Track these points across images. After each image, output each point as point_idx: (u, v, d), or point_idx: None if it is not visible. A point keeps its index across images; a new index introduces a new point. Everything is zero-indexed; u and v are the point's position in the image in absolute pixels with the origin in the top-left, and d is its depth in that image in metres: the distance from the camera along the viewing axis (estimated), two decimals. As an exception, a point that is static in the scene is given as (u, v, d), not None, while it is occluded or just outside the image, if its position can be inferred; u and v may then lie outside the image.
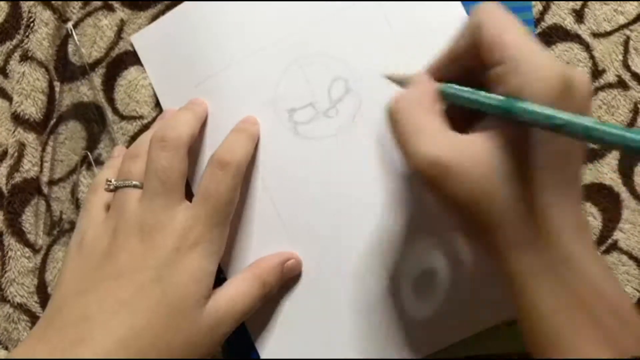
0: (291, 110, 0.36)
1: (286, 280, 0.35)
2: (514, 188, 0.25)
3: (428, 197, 0.33)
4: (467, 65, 0.28)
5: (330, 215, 0.35)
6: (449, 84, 0.29)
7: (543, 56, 0.25)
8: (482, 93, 0.27)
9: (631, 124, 0.36)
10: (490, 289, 0.33)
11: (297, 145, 0.36)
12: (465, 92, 0.27)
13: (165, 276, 0.30)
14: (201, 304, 0.31)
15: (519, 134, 0.25)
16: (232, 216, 0.33)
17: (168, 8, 0.38)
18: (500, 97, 0.26)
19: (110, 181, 0.33)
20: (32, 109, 0.38)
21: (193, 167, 0.36)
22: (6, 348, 0.38)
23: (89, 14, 0.39)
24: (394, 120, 0.28)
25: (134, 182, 0.32)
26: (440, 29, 0.35)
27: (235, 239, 0.36)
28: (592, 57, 0.36)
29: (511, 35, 0.26)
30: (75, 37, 0.39)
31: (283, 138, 0.36)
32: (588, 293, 0.25)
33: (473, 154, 0.26)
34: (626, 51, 0.36)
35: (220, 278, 0.35)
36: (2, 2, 0.40)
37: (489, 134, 0.26)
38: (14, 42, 0.40)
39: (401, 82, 0.32)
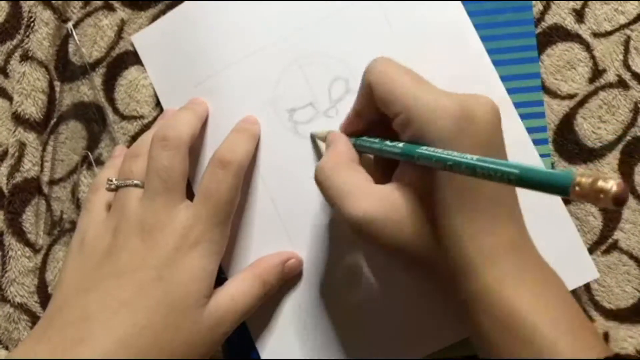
0: (291, 110, 0.36)
1: (287, 279, 0.35)
2: (429, 228, 0.27)
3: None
4: (378, 117, 0.29)
5: (330, 214, 0.35)
6: (361, 138, 0.30)
7: (435, 99, 0.26)
8: (387, 142, 0.28)
9: (631, 123, 0.36)
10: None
11: (297, 145, 0.36)
12: (374, 143, 0.29)
13: (166, 275, 0.30)
14: (202, 303, 0.31)
15: (426, 175, 0.26)
16: (232, 216, 0.33)
17: (168, 8, 0.38)
18: (401, 145, 0.27)
19: (111, 180, 0.33)
20: (33, 108, 0.38)
21: (194, 167, 0.36)
22: (6, 348, 0.38)
23: (89, 14, 0.39)
24: (321, 187, 0.29)
25: (135, 182, 0.32)
26: (440, 29, 0.35)
27: (236, 239, 0.36)
28: (592, 57, 0.36)
29: (401, 87, 0.27)
30: (76, 37, 0.39)
31: (283, 138, 0.36)
32: (498, 325, 0.26)
33: (391, 203, 0.27)
34: (626, 51, 0.36)
35: (221, 277, 0.35)
36: (2, 2, 0.40)
37: (402, 181, 0.28)
38: (15, 42, 0.40)
39: (322, 138, 0.34)
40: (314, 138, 0.35)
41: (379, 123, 0.30)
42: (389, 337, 0.35)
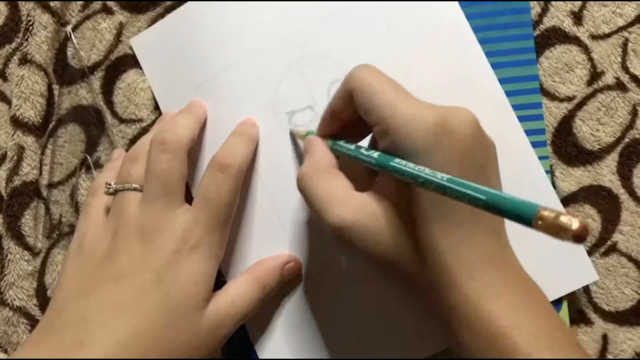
0: (291, 113, 0.36)
1: (286, 282, 0.35)
2: (407, 239, 0.27)
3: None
4: (356, 118, 0.29)
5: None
6: (337, 142, 0.30)
7: (413, 111, 0.26)
8: (362, 151, 0.28)
9: (630, 125, 0.36)
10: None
11: (296, 147, 0.36)
12: (349, 150, 0.29)
13: (166, 278, 0.30)
14: (201, 306, 0.31)
15: (405, 185, 0.26)
16: (232, 219, 0.33)
17: (167, 11, 0.38)
18: (376, 155, 0.27)
19: (110, 184, 0.33)
20: (31, 112, 0.38)
21: (193, 170, 0.36)
22: (5, 351, 0.38)
23: (88, 17, 0.39)
24: (303, 196, 0.29)
25: (133, 185, 0.32)
26: (439, 32, 0.35)
27: (236, 241, 0.36)
28: (590, 59, 0.36)
29: (380, 97, 0.27)
30: (75, 40, 0.39)
31: (283, 140, 0.36)
32: (478, 340, 0.25)
33: (370, 211, 0.27)
34: (625, 53, 0.36)
35: (220, 280, 0.35)
36: (1, 6, 0.40)
37: (382, 190, 0.28)
38: (13, 45, 0.40)
39: (302, 137, 0.34)
40: (293, 136, 0.35)
41: (356, 124, 0.30)
42: (388, 338, 0.35)
